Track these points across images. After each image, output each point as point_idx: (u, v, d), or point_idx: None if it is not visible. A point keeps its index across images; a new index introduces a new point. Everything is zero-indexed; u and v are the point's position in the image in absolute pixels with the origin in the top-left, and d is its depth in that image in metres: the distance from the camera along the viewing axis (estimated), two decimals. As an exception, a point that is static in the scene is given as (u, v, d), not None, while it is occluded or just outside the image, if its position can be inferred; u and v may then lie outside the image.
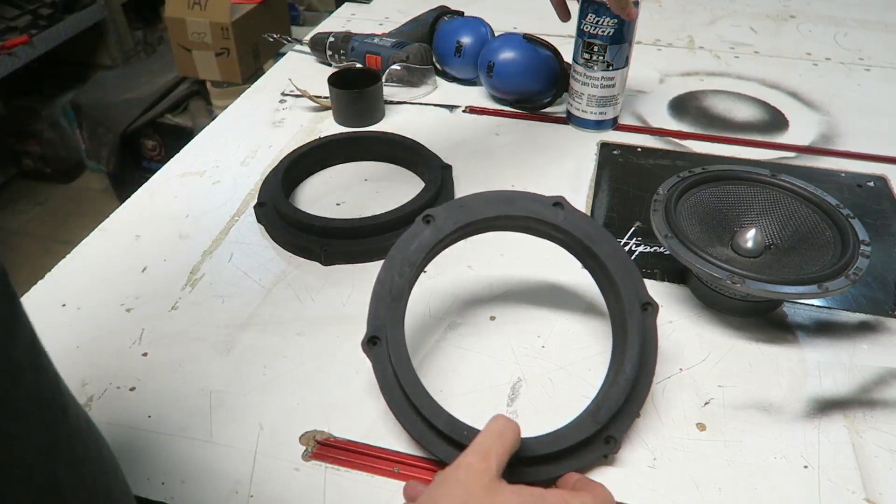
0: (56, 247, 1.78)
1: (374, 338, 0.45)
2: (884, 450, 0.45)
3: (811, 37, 1.04)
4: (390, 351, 0.44)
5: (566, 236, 0.49)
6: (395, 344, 0.44)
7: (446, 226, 0.48)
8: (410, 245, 0.47)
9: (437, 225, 0.48)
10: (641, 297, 0.47)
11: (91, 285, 0.58)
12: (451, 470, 0.36)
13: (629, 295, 0.47)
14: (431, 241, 0.47)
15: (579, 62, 0.75)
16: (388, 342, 0.45)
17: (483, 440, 0.37)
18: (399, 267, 0.46)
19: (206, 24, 1.82)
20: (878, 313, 0.56)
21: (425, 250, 0.47)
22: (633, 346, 0.45)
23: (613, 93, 0.77)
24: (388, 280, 0.46)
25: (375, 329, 0.45)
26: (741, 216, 0.57)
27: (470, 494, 0.35)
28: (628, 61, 0.75)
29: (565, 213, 0.49)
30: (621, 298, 0.47)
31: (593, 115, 0.78)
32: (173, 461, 0.44)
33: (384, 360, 0.44)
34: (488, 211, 0.49)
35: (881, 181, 0.71)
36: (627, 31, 0.72)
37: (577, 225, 0.49)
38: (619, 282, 0.47)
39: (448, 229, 0.48)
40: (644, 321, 0.46)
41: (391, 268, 0.47)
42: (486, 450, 0.37)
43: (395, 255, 0.47)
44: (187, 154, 0.76)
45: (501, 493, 0.35)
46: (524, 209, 0.49)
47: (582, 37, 0.74)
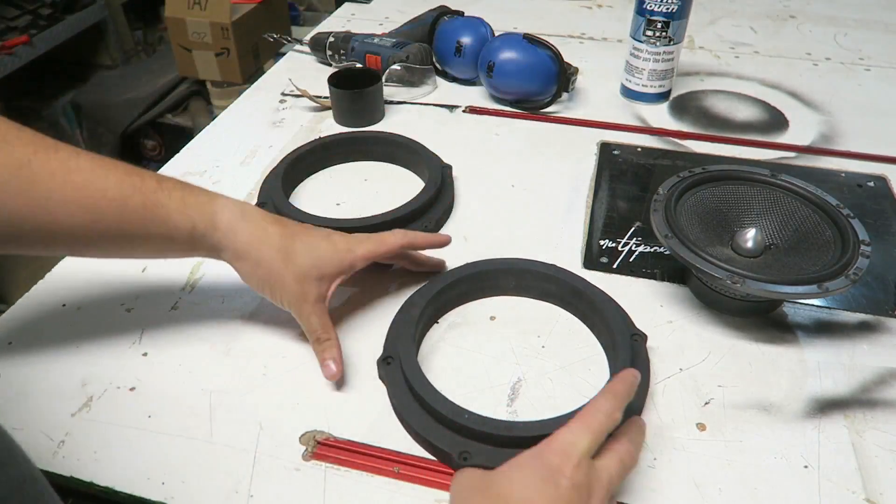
0: (56, 247, 1.77)
1: (388, 357, 0.49)
2: (884, 450, 0.45)
3: (811, 37, 1.04)
4: (404, 367, 0.46)
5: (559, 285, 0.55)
6: (410, 362, 0.47)
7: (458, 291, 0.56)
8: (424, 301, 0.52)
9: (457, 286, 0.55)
10: (631, 329, 0.51)
11: (91, 285, 0.58)
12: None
13: (620, 329, 0.50)
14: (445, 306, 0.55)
15: (641, 39, 0.81)
16: (402, 360, 0.47)
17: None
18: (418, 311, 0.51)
19: (206, 24, 1.82)
20: (878, 313, 0.56)
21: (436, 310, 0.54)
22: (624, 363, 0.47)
23: (673, 66, 0.83)
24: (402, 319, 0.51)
25: (390, 351, 0.49)
26: (741, 216, 0.57)
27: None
28: (685, 35, 0.82)
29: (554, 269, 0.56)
30: (612, 331, 0.50)
31: (654, 88, 0.84)
32: (173, 461, 0.44)
33: (398, 376, 0.47)
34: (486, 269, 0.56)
35: (881, 181, 0.71)
36: (687, 6, 0.78)
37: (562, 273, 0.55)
38: (609, 319, 0.51)
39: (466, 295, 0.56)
40: (633, 349, 0.48)
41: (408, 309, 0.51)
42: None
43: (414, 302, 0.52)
44: (187, 154, 0.76)
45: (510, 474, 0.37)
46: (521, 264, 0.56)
47: (644, 14, 0.79)
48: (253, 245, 0.48)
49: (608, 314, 0.51)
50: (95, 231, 0.44)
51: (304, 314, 0.49)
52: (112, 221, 0.44)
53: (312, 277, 0.49)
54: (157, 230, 0.46)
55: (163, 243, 0.47)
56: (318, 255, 0.49)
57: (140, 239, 0.46)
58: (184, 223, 0.46)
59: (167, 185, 0.47)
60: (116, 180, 0.44)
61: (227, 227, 0.48)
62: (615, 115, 0.83)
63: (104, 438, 0.45)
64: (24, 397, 0.48)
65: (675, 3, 0.77)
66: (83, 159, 0.44)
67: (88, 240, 0.45)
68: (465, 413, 0.43)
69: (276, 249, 0.48)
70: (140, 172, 0.46)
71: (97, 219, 0.43)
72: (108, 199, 0.43)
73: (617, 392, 0.40)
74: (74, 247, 0.46)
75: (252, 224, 0.48)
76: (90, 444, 0.45)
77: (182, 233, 0.46)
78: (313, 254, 0.49)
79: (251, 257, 0.48)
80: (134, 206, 0.44)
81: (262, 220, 0.49)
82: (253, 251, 0.48)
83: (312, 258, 0.49)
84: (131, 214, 0.45)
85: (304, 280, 0.48)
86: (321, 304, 0.49)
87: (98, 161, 0.44)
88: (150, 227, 0.46)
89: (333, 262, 0.50)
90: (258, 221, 0.49)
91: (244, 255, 0.48)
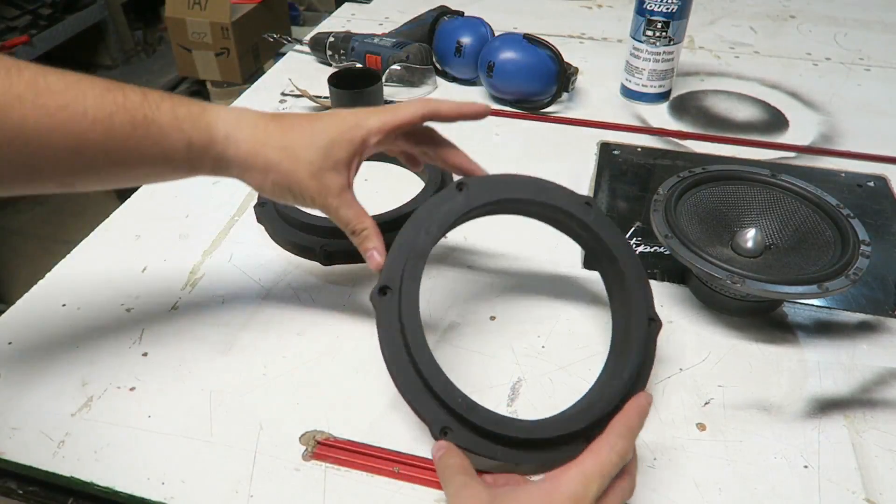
0: (56, 247, 1.77)
1: (385, 287, 0.43)
2: (884, 450, 0.45)
3: (811, 37, 1.04)
4: (402, 304, 0.42)
5: (591, 236, 0.49)
6: (408, 298, 0.42)
7: (479, 197, 0.47)
8: (441, 208, 0.46)
9: (469, 194, 0.47)
10: (650, 311, 0.48)
11: (91, 285, 0.58)
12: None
13: (638, 307, 0.47)
14: (462, 208, 0.46)
15: (641, 39, 0.81)
16: (400, 294, 0.42)
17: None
18: (427, 226, 0.45)
19: (206, 24, 1.82)
20: (878, 313, 0.56)
21: (455, 216, 0.46)
22: (634, 357, 0.45)
23: (673, 66, 0.83)
24: (412, 236, 0.44)
25: (389, 280, 0.43)
26: (741, 216, 0.57)
27: None
28: (684, 35, 0.81)
29: (594, 214, 0.49)
30: (630, 309, 0.47)
31: (654, 88, 0.84)
32: (173, 461, 0.44)
33: (392, 312, 0.42)
34: (521, 193, 0.48)
35: (881, 181, 0.71)
36: (687, 6, 0.78)
37: (604, 228, 0.49)
38: (632, 292, 0.47)
39: (480, 201, 0.47)
40: (648, 335, 0.47)
41: (417, 226, 0.45)
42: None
43: (423, 216, 0.45)
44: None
45: None
46: (556, 199, 0.49)
47: (644, 14, 0.79)
48: (256, 151, 0.44)
49: (631, 285, 0.48)
50: (81, 160, 0.40)
51: (331, 209, 0.45)
52: (98, 147, 0.39)
53: (328, 168, 0.44)
54: (150, 151, 0.41)
55: (158, 165, 0.43)
56: (326, 142, 0.44)
57: (132, 163, 0.41)
58: (179, 140, 0.42)
59: (153, 97, 0.41)
60: (95, 98, 0.39)
61: (225, 137, 0.43)
62: (615, 115, 0.83)
63: (104, 438, 0.45)
64: (24, 397, 0.48)
65: (675, 3, 0.77)
66: (53, 78, 0.38)
67: (75, 171, 0.40)
68: (457, 395, 0.41)
69: (281, 148, 0.44)
70: (120, 86, 0.41)
71: (81, 146, 0.39)
72: (89, 121, 0.39)
73: (632, 428, 0.39)
74: (62, 180, 0.41)
75: (250, 128, 0.44)
76: (90, 444, 0.45)
77: (178, 151, 0.42)
78: (320, 142, 0.44)
79: (258, 165, 0.44)
80: (120, 126, 0.40)
81: (259, 121, 0.45)
82: (259, 158, 0.44)
83: (321, 147, 0.44)
84: (118, 136, 0.40)
85: (320, 173, 0.44)
86: (347, 194, 0.45)
87: (72, 78, 0.39)
88: (143, 149, 0.41)
89: (343, 143, 0.45)
90: (256, 123, 0.44)
91: (250, 164, 0.44)
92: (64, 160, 0.39)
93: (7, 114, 0.36)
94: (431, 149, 0.50)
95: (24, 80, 0.37)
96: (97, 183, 0.43)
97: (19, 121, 0.37)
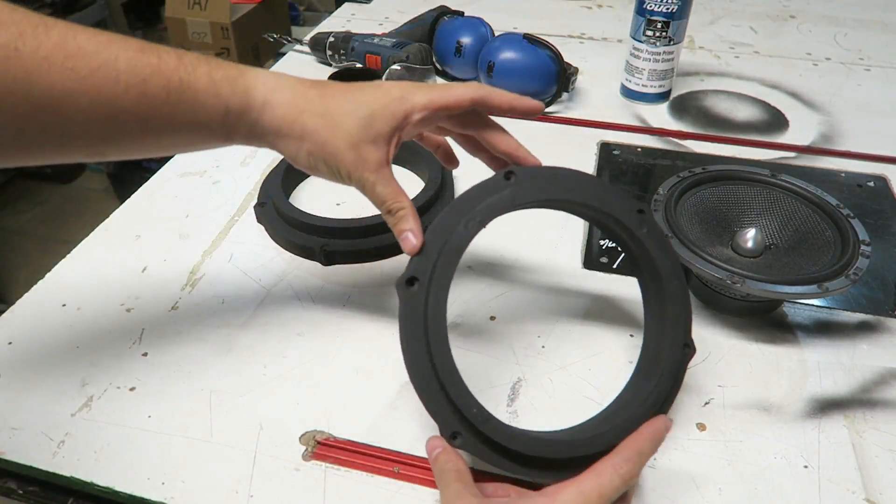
0: (56, 247, 1.78)
1: (413, 279, 0.40)
2: (884, 450, 0.45)
3: (811, 37, 1.04)
4: (429, 299, 0.39)
5: (639, 249, 0.45)
6: (437, 294, 0.39)
7: (529, 193, 0.43)
8: (486, 199, 0.42)
9: (519, 187, 0.43)
10: (686, 337, 0.44)
11: (91, 285, 0.58)
12: None
13: (676, 330, 0.44)
14: (509, 203, 0.42)
15: (641, 39, 0.81)
16: (429, 289, 0.39)
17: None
18: (468, 217, 0.41)
19: (206, 24, 1.82)
20: (878, 313, 0.56)
21: (501, 211, 0.42)
22: (663, 383, 0.42)
23: (673, 66, 0.83)
24: (450, 226, 0.41)
25: (418, 271, 0.40)
26: (741, 216, 0.57)
27: None
28: (684, 35, 0.81)
29: (648, 226, 0.45)
30: (665, 329, 0.44)
31: (654, 88, 0.84)
32: (173, 461, 0.44)
33: (418, 306, 0.39)
34: (573, 194, 0.44)
35: (881, 181, 0.71)
36: (687, 6, 0.78)
37: (654, 242, 0.45)
38: (671, 314, 0.44)
39: (529, 197, 0.43)
40: (681, 361, 0.43)
41: (458, 216, 0.41)
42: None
43: (465, 205, 0.42)
44: (187, 154, 0.76)
45: None
46: (609, 206, 0.45)
47: (644, 14, 0.79)
48: (294, 117, 0.41)
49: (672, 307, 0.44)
50: (113, 128, 0.38)
51: (367, 185, 0.42)
52: (131, 114, 0.37)
53: (367, 140, 0.41)
54: (186, 118, 0.39)
55: (194, 133, 0.41)
56: (368, 113, 0.42)
57: (167, 131, 0.39)
58: (215, 106, 0.40)
59: (188, 59, 0.39)
60: (129, 61, 0.37)
61: (262, 103, 0.41)
62: (615, 115, 0.83)
63: (104, 438, 0.45)
64: (24, 397, 0.48)
65: (675, 3, 0.77)
66: (83, 37, 0.36)
67: (107, 138, 0.38)
68: (473, 405, 0.38)
69: (320, 115, 0.41)
70: (154, 48, 0.38)
71: (113, 112, 0.37)
72: (122, 87, 0.36)
73: (643, 453, 0.37)
74: (93, 149, 0.39)
75: (289, 93, 0.42)
76: (90, 444, 0.45)
77: (215, 119, 0.40)
78: (362, 112, 0.41)
79: (294, 132, 0.41)
80: (155, 92, 0.37)
81: (299, 86, 0.42)
82: (296, 125, 0.41)
83: (362, 117, 0.41)
84: (153, 102, 0.37)
85: (358, 145, 0.41)
86: (385, 170, 0.43)
87: (103, 38, 0.37)
88: (178, 116, 0.39)
89: (385, 116, 0.42)
90: (295, 88, 0.42)
91: (286, 131, 0.41)
92: (95, 128, 0.37)
93: (35, 79, 0.34)
94: (478, 132, 0.47)
95: (53, 40, 0.35)
96: (129, 151, 0.41)
97: (47, 87, 0.34)
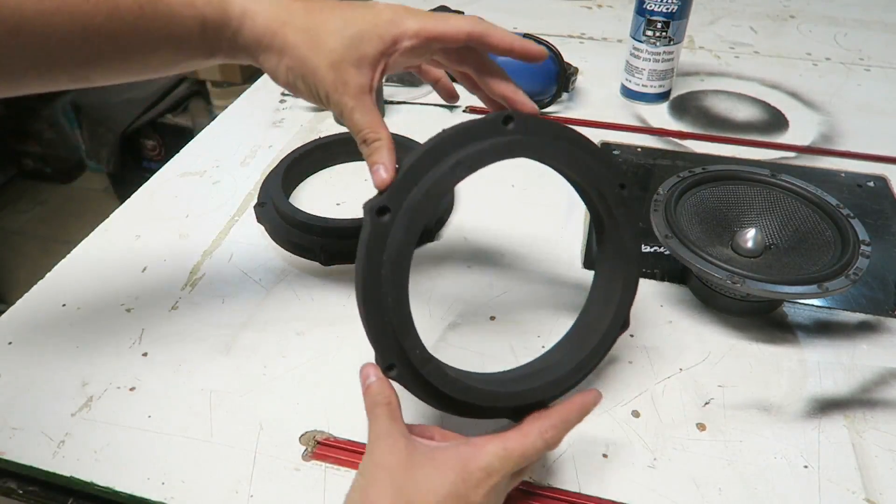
0: (56, 247, 1.78)
1: (385, 208, 0.37)
2: (884, 450, 0.45)
3: (811, 37, 1.04)
4: (399, 233, 0.37)
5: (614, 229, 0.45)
6: (410, 229, 0.37)
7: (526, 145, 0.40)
8: (483, 142, 0.39)
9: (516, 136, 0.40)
10: (626, 316, 0.45)
11: (91, 285, 0.58)
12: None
13: (619, 312, 0.45)
14: (505, 151, 0.39)
15: (641, 39, 0.81)
16: (401, 222, 0.37)
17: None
18: (457, 157, 0.38)
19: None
20: (878, 313, 0.56)
21: (494, 159, 0.39)
22: (596, 355, 0.45)
23: (673, 66, 0.83)
24: (433, 160, 0.38)
25: (392, 201, 0.37)
26: (741, 216, 0.57)
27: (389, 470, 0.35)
28: (684, 35, 0.81)
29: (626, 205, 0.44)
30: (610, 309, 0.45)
31: (654, 88, 0.84)
32: (173, 461, 0.44)
33: (385, 236, 0.37)
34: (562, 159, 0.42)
35: (881, 181, 0.71)
36: (687, 6, 0.78)
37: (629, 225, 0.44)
38: (619, 296, 0.45)
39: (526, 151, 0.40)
40: (615, 338, 0.45)
41: (444, 150, 0.38)
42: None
43: (455, 141, 0.38)
44: (187, 154, 0.76)
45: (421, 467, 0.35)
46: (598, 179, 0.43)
47: (644, 14, 0.79)
48: (274, 30, 0.39)
49: (622, 282, 0.45)
50: (90, 47, 0.37)
51: (345, 110, 0.40)
52: (104, 33, 0.36)
53: (350, 62, 0.39)
54: (161, 33, 0.38)
55: (172, 51, 0.39)
56: (354, 32, 0.39)
57: (143, 49, 0.39)
58: (191, 19, 0.38)
59: None
60: None
61: (241, 13, 0.39)
62: (615, 115, 0.83)
63: (104, 438, 0.45)
64: (24, 397, 0.48)
65: (675, 3, 0.77)
66: None
67: (86, 61, 0.37)
68: (417, 347, 0.38)
69: (303, 30, 0.39)
70: None
71: (86, 32, 0.36)
72: (91, 4, 0.36)
73: (569, 422, 0.39)
74: (74, 73, 0.38)
75: (271, 3, 0.40)
76: (90, 444, 0.45)
77: (192, 33, 0.39)
78: (349, 31, 0.39)
79: (274, 45, 0.40)
80: (127, 6, 0.37)
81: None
82: (276, 38, 0.39)
83: (348, 37, 0.39)
84: (125, 18, 0.37)
85: (340, 66, 0.39)
86: (366, 97, 0.40)
87: None
88: (153, 31, 0.38)
89: (373, 38, 0.39)
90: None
91: (266, 44, 0.40)
92: (72, 49, 0.36)
93: (4, 1, 0.34)
94: (474, 71, 0.44)
95: None
96: (111, 75, 0.40)
97: (16, 8, 0.34)
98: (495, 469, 0.35)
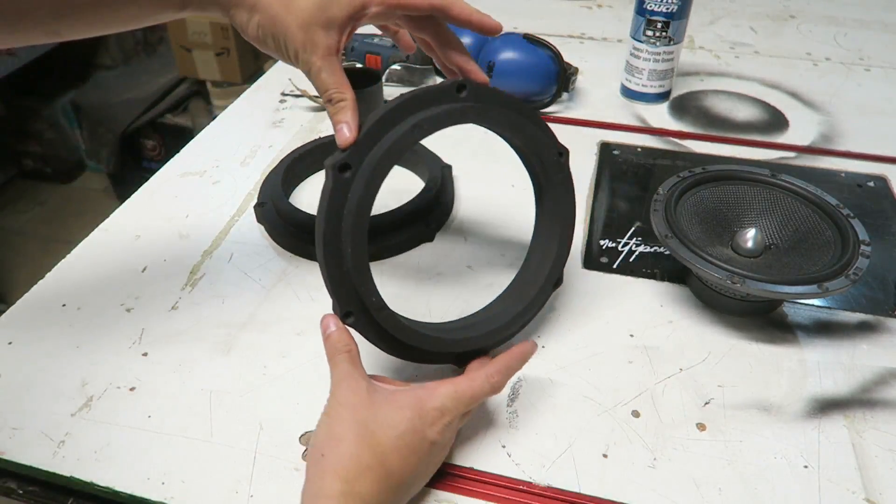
0: (56, 247, 1.78)
1: (347, 165, 0.40)
2: (884, 450, 0.45)
3: (811, 37, 1.04)
4: (360, 188, 0.40)
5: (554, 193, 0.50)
6: (370, 184, 0.40)
7: (478, 112, 0.43)
8: (434, 106, 0.42)
9: (468, 103, 0.43)
10: (560, 274, 0.51)
11: (91, 285, 0.58)
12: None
13: (555, 270, 0.50)
14: (459, 116, 0.42)
15: (641, 39, 0.81)
16: (362, 179, 0.40)
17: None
18: (415, 121, 0.41)
19: (207, 24, 1.82)
20: (878, 313, 0.56)
21: (448, 123, 0.42)
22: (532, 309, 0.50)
23: (673, 66, 0.83)
24: (392, 121, 0.41)
25: (354, 159, 0.40)
26: (741, 216, 0.57)
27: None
28: (684, 35, 0.81)
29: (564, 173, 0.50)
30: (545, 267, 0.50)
31: (654, 88, 0.84)
32: (173, 461, 0.44)
33: (346, 191, 0.40)
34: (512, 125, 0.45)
35: (881, 181, 0.71)
36: (687, 6, 0.78)
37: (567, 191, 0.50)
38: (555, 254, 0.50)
39: (478, 118, 0.43)
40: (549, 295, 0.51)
41: (404, 114, 0.41)
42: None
43: (412, 105, 0.41)
44: (187, 154, 0.76)
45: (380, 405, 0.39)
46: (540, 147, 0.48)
47: (644, 14, 0.79)
48: None
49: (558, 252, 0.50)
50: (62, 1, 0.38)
51: (313, 69, 0.42)
52: None
53: (319, 24, 0.41)
54: None
55: (145, 4, 0.40)
56: None
57: (116, 3, 0.39)
58: None
59: None
60: None
61: None
62: (615, 115, 0.83)
63: (104, 438, 0.45)
64: (24, 397, 0.48)
65: (675, 3, 0.77)
66: None
67: (59, 14, 0.38)
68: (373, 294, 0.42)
69: None
70: None
71: None
72: None
73: (512, 368, 0.43)
74: (47, 27, 0.39)
75: None
76: (90, 444, 0.45)
77: None
78: None
79: (247, 1, 0.41)
80: None
81: None
82: None
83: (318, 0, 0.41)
84: None
85: (310, 27, 0.41)
86: (332, 58, 0.42)
87: None
88: None
89: (342, 2, 0.41)
90: None
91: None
92: (45, 2, 0.37)
93: None
94: (433, 40, 0.46)
95: None
96: (84, 28, 0.41)
97: None
98: (448, 409, 0.39)
